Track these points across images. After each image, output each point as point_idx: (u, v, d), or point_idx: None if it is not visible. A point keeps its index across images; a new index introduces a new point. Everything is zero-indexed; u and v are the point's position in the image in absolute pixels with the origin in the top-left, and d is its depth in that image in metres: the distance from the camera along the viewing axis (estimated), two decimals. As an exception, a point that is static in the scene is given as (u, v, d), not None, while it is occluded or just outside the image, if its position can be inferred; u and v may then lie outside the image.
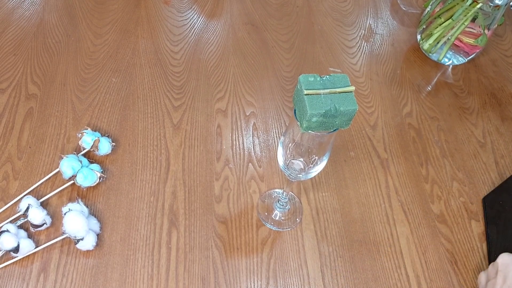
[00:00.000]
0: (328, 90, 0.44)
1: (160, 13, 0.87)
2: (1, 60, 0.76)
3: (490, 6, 0.73)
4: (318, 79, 0.44)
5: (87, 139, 0.63)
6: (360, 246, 0.61)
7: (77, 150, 0.65)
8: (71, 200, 0.61)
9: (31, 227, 0.57)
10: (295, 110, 0.46)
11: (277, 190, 0.65)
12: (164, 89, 0.75)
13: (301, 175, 0.53)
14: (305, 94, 0.43)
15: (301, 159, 0.53)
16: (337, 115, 0.44)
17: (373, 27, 0.90)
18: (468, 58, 0.83)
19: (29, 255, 0.56)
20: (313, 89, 0.44)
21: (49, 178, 0.63)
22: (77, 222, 0.55)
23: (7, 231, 0.55)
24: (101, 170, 0.63)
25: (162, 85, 0.75)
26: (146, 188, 0.63)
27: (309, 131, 0.45)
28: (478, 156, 0.72)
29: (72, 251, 0.57)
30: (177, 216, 0.61)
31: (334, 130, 0.46)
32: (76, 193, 0.62)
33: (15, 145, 0.66)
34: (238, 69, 0.80)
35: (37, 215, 0.56)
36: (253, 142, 0.70)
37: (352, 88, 0.44)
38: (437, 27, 0.80)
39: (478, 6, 0.73)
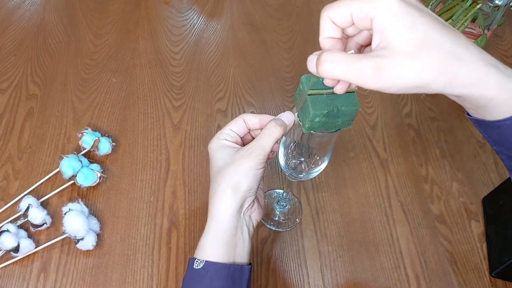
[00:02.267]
0: (330, 90, 0.44)
1: (160, 14, 0.87)
2: (1, 60, 0.76)
3: (490, 6, 0.73)
4: (321, 79, 0.44)
5: (87, 139, 0.64)
6: (359, 246, 0.61)
7: (77, 150, 0.65)
8: (71, 200, 0.61)
9: (31, 227, 0.58)
10: None
11: (277, 190, 0.66)
12: (164, 89, 0.75)
13: (302, 175, 0.53)
14: (308, 94, 0.43)
15: (302, 159, 0.53)
16: (339, 115, 0.44)
17: (373, 27, 0.90)
18: (468, 59, 0.83)
19: (29, 255, 0.56)
20: (316, 89, 0.44)
21: (49, 178, 0.63)
22: (77, 222, 0.55)
23: (7, 231, 0.55)
24: (101, 170, 0.63)
25: (162, 85, 0.76)
26: (146, 188, 0.63)
27: (312, 132, 0.46)
28: (477, 157, 0.72)
29: (72, 251, 0.57)
30: (177, 216, 0.61)
31: (336, 131, 0.47)
32: (76, 193, 0.62)
33: (15, 145, 0.66)
34: (238, 69, 0.80)
35: (37, 215, 0.56)
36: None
37: (354, 88, 0.45)
38: (437, 27, 0.80)
39: (478, 6, 0.73)
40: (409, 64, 0.31)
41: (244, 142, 0.49)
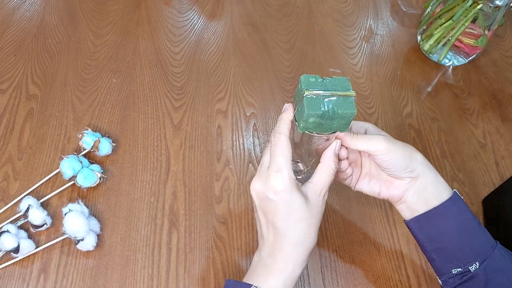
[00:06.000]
0: (329, 92, 0.44)
1: (160, 14, 0.87)
2: (1, 60, 0.76)
3: (490, 7, 0.73)
4: (320, 80, 0.44)
5: (87, 140, 0.63)
6: (360, 246, 0.61)
7: (78, 150, 0.65)
8: (71, 200, 0.61)
9: (31, 228, 0.58)
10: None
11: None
12: (164, 89, 0.75)
13: (301, 177, 0.53)
14: (305, 95, 0.43)
15: (300, 161, 0.53)
16: (335, 117, 0.44)
17: (373, 28, 0.90)
18: (468, 59, 0.83)
19: (29, 256, 0.56)
20: (314, 90, 0.44)
21: (50, 178, 0.63)
22: (77, 222, 0.55)
23: (8, 231, 0.55)
24: (102, 171, 0.63)
25: (162, 85, 0.75)
26: (146, 189, 0.63)
27: (306, 132, 0.46)
28: (478, 157, 0.72)
29: (72, 251, 0.57)
30: (177, 217, 0.61)
31: (332, 133, 0.47)
32: (77, 193, 0.62)
33: (15, 145, 0.66)
34: (239, 69, 0.80)
35: (38, 216, 0.56)
36: (254, 142, 0.70)
37: (353, 93, 0.44)
38: (438, 27, 0.80)
39: (479, 7, 0.73)
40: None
41: None
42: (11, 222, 0.58)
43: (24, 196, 0.60)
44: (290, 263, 0.44)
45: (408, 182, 0.49)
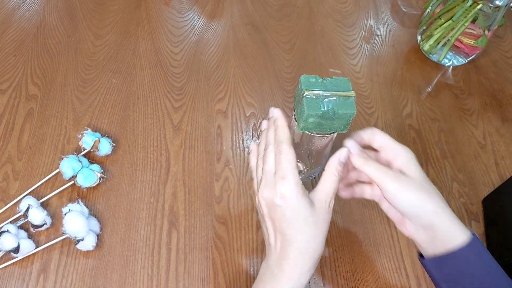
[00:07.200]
0: (329, 93, 0.44)
1: (160, 14, 0.87)
2: (1, 61, 0.76)
3: (490, 7, 0.73)
4: (320, 80, 0.45)
5: (87, 140, 0.63)
6: (360, 247, 0.61)
7: (77, 150, 0.65)
8: (71, 200, 0.61)
9: (31, 228, 0.57)
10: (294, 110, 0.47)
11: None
12: (164, 90, 0.75)
13: (300, 177, 0.53)
14: (305, 95, 0.43)
15: (300, 161, 0.53)
16: (334, 117, 0.44)
17: (373, 28, 0.90)
18: (468, 59, 0.83)
19: (29, 256, 0.56)
20: (314, 90, 0.44)
21: (49, 178, 0.63)
22: (77, 222, 0.55)
23: (7, 231, 0.55)
24: (101, 171, 0.63)
25: (162, 86, 0.75)
26: (146, 189, 0.63)
27: (306, 132, 0.46)
28: (478, 157, 0.72)
29: (72, 251, 0.57)
30: (177, 217, 0.61)
31: (332, 133, 0.47)
32: (76, 193, 0.62)
33: (15, 145, 0.66)
34: (239, 70, 0.80)
35: (37, 216, 0.56)
36: (254, 143, 0.70)
37: (353, 93, 0.44)
38: (437, 28, 0.80)
39: (479, 7, 0.73)
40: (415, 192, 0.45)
41: None
42: (11, 222, 0.58)
43: (24, 196, 0.60)
44: (296, 271, 0.44)
45: (418, 226, 0.47)
